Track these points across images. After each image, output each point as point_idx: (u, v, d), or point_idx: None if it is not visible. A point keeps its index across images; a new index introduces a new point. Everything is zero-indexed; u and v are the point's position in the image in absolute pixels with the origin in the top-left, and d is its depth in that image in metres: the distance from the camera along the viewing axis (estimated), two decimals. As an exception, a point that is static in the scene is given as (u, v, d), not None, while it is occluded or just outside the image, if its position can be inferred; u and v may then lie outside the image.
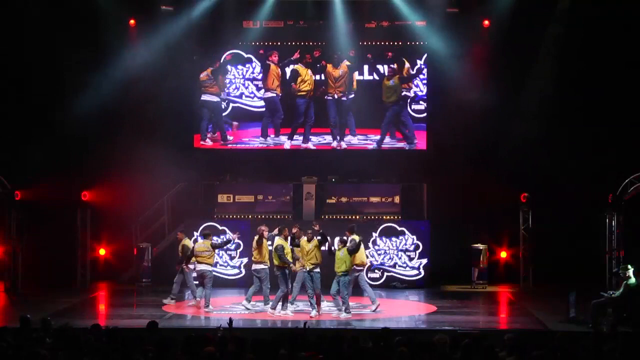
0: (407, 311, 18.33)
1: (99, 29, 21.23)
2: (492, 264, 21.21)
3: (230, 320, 12.00)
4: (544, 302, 18.40)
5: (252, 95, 22.07)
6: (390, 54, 21.64)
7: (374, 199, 21.30)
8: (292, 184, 21.34)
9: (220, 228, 20.52)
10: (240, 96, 22.10)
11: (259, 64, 21.98)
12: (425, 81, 21.87)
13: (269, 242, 17.14)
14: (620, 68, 20.55)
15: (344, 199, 21.33)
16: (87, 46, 20.90)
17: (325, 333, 11.32)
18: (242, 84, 22.12)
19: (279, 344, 9.77)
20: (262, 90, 21.92)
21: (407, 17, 21.73)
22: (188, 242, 18.42)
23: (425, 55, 21.82)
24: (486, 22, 21.77)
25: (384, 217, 20.92)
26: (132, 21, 21.96)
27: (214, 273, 18.18)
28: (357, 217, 21.09)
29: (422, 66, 21.55)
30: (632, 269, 15.70)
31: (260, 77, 21.98)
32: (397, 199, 21.21)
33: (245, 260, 20.43)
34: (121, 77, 21.23)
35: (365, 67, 21.90)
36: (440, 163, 21.55)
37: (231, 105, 22.13)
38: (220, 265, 20.52)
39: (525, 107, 21.49)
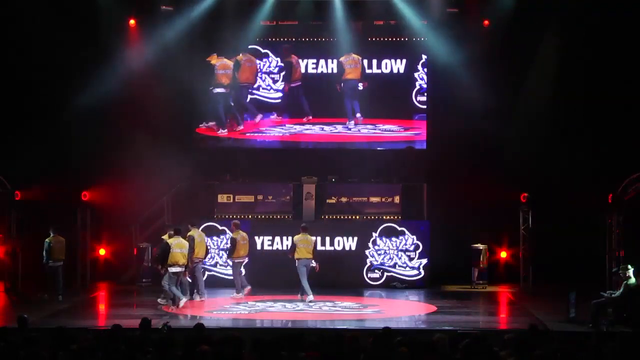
0: (407, 311, 18.34)
1: (99, 29, 21.24)
2: (492, 264, 21.21)
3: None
4: (544, 302, 18.40)
5: (268, 87, 22.40)
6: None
7: (374, 199, 21.30)
8: (292, 184, 21.34)
9: (220, 228, 20.53)
10: (257, 88, 22.33)
11: (276, 59, 22.29)
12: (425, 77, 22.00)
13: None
14: (621, 68, 20.55)
15: (344, 199, 21.33)
16: (87, 46, 20.89)
17: (325, 333, 11.32)
18: (260, 77, 22.37)
19: (278, 345, 9.77)
20: (279, 83, 22.30)
21: (407, 17, 21.78)
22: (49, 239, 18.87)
23: (424, 58, 21.93)
24: (486, 22, 21.79)
25: (384, 217, 20.92)
26: (132, 21, 21.99)
27: (213, 272, 18.90)
28: (357, 217, 21.11)
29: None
30: (632, 269, 15.72)
31: (276, 70, 22.38)
32: (397, 199, 21.21)
33: (245, 260, 20.42)
34: (121, 77, 21.22)
35: (374, 61, 22.04)
36: (440, 163, 21.56)
37: (249, 97, 22.37)
38: (220, 265, 20.54)
39: (525, 107, 21.50)
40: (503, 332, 13.18)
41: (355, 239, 20.64)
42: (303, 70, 22.26)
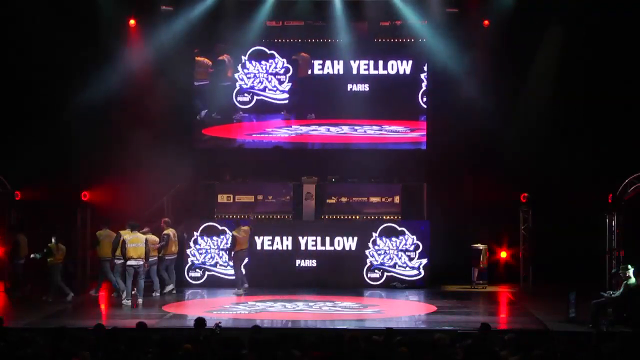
0: (407, 311, 18.33)
1: (99, 29, 21.23)
2: (492, 264, 21.20)
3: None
4: (544, 302, 18.40)
5: (274, 88, 22.37)
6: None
7: (374, 199, 21.30)
8: (292, 184, 21.33)
9: (220, 228, 20.54)
10: (264, 89, 22.32)
11: (282, 59, 22.28)
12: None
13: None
14: (621, 68, 20.54)
15: (344, 199, 21.32)
16: (87, 46, 20.88)
17: (325, 333, 11.33)
18: (266, 78, 22.36)
19: (276, 345, 9.78)
20: (285, 84, 22.31)
21: (407, 17, 21.81)
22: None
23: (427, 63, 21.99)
24: (486, 22, 21.80)
25: (384, 217, 20.91)
26: (132, 21, 21.99)
27: (213, 272, 19.39)
28: (357, 217, 21.11)
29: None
30: (632, 269, 15.71)
31: (282, 72, 22.33)
32: (397, 199, 21.21)
33: (245, 260, 20.43)
34: (121, 77, 21.23)
35: (380, 62, 22.08)
36: (440, 163, 21.56)
37: (255, 98, 22.37)
38: (220, 265, 20.52)
39: (525, 107, 21.50)
40: (503, 332, 13.18)
41: (355, 239, 20.63)
42: (309, 72, 22.25)
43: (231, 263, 19.84)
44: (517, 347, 10.01)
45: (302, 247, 20.51)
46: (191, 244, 20.61)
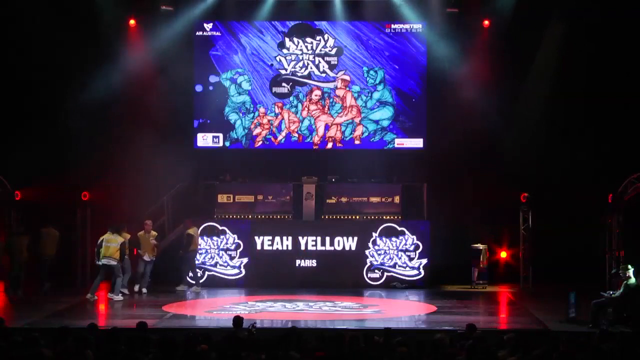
0: (407, 311, 18.32)
1: (99, 29, 21.24)
2: (492, 264, 21.21)
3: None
4: (544, 302, 18.40)
5: (323, 73, 22.01)
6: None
7: (374, 199, 21.29)
8: (292, 184, 21.33)
9: (220, 228, 20.54)
10: (308, 76, 22.13)
11: (334, 38, 21.79)
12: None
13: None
14: (622, 68, 20.55)
15: (344, 199, 21.32)
16: (87, 46, 20.90)
17: (325, 333, 11.33)
18: (312, 60, 22.06)
19: (276, 345, 9.79)
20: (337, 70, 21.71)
21: (407, 17, 21.82)
22: None
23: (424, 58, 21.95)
24: (486, 22, 21.81)
25: (384, 217, 20.91)
26: (132, 21, 22.00)
27: (213, 273, 19.47)
28: (357, 217, 21.11)
29: None
30: (632, 269, 15.71)
31: (333, 52, 21.72)
32: (397, 199, 21.21)
33: (245, 260, 20.44)
34: (121, 77, 21.24)
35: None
36: (440, 163, 21.57)
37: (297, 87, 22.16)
38: (220, 265, 20.52)
39: (525, 107, 21.51)
40: (503, 332, 13.18)
41: (355, 239, 20.63)
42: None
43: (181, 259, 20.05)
44: (517, 347, 10.01)
45: (302, 247, 20.51)
46: (191, 244, 20.59)
